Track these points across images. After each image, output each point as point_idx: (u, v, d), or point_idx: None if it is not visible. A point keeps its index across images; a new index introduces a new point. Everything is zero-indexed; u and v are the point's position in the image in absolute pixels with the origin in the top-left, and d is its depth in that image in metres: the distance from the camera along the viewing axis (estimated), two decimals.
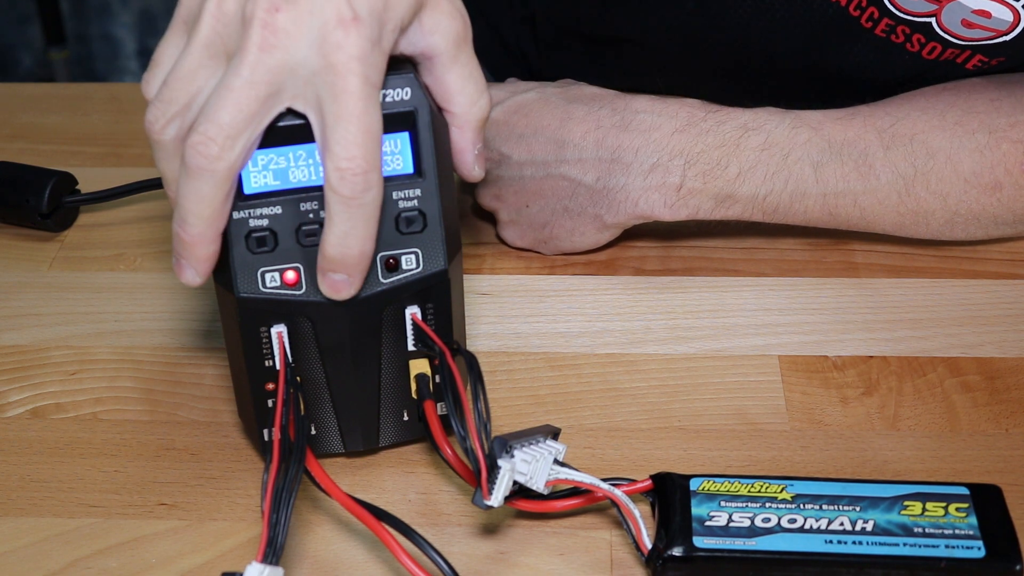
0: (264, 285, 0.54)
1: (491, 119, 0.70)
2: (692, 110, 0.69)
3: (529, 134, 0.71)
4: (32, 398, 0.65)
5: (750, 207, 0.69)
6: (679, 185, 0.68)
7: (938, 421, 0.62)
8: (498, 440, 0.53)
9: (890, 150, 0.68)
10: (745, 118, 0.69)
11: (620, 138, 0.69)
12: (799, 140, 0.68)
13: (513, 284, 0.72)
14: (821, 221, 0.70)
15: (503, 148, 0.71)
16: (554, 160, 0.70)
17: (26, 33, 2.28)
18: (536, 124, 0.71)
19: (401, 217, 0.55)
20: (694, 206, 0.69)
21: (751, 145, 0.68)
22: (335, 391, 0.57)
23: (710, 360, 0.67)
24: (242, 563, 0.54)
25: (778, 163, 0.68)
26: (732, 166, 0.68)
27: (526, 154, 0.71)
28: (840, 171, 0.68)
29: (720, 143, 0.68)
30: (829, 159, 0.68)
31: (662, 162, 0.68)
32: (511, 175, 0.72)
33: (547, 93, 0.72)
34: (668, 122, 0.69)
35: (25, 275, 0.74)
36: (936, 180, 0.68)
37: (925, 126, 0.69)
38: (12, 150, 0.85)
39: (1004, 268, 0.72)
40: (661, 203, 0.69)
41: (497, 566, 0.55)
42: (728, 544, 0.53)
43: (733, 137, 0.68)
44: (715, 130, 0.69)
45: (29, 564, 0.56)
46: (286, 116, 0.52)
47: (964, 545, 0.53)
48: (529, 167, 0.71)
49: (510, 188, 0.72)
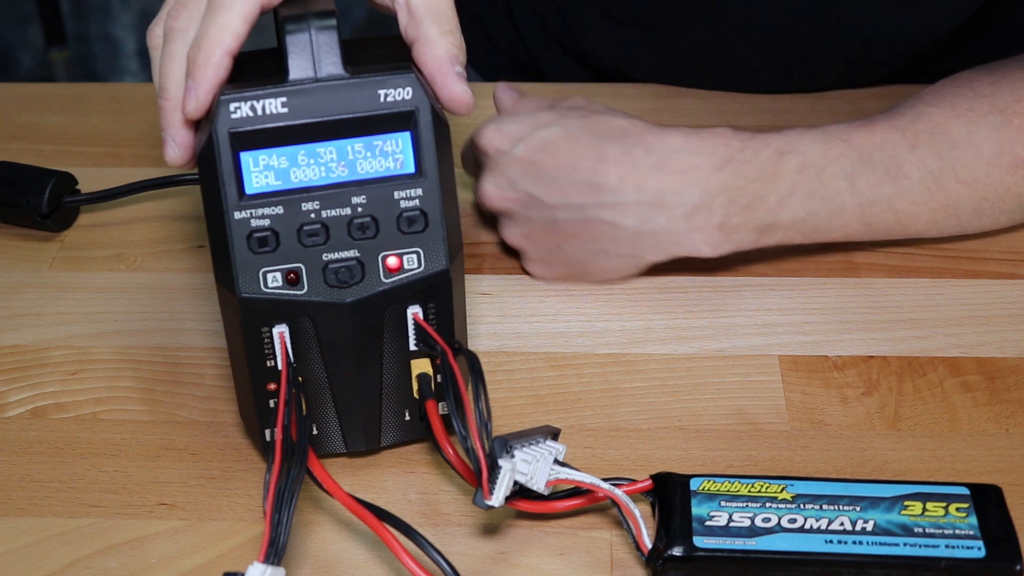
0: (266, 285, 0.54)
1: (515, 157, 0.68)
2: (727, 141, 0.68)
3: (561, 176, 0.68)
4: (32, 398, 0.65)
5: (791, 232, 0.68)
6: (722, 223, 0.67)
7: (938, 421, 0.62)
8: (499, 440, 0.53)
9: (915, 148, 0.68)
10: (779, 143, 0.68)
11: (660, 180, 0.67)
12: (832, 155, 0.68)
13: (513, 284, 0.72)
14: (858, 233, 0.70)
15: (533, 190, 0.68)
16: (591, 204, 0.68)
17: (26, 33, 2.28)
18: (567, 166, 0.68)
19: (403, 217, 0.55)
20: (737, 240, 0.68)
21: (788, 170, 0.67)
22: (337, 391, 0.57)
23: (710, 360, 0.67)
24: (243, 563, 0.54)
25: (814, 183, 0.67)
26: (772, 196, 0.67)
27: (559, 197, 0.68)
28: (873, 178, 0.68)
29: (759, 175, 0.67)
30: (862, 169, 0.68)
31: (704, 202, 0.67)
32: (543, 217, 0.69)
33: (570, 127, 0.69)
34: (706, 160, 0.67)
35: (25, 275, 0.74)
36: (962, 168, 0.69)
37: (940, 118, 0.69)
38: (12, 150, 0.85)
39: (1004, 268, 0.72)
40: (704, 242, 0.67)
41: (497, 566, 0.55)
42: (728, 544, 0.53)
43: (770, 165, 0.67)
44: (752, 161, 0.67)
45: (29, 564, 0.56)
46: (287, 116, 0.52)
47: (964, 545, 0.53)
48: (563, 210, 0.68)
49: (541, 230, 0.69)
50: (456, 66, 0.56)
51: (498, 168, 0.69)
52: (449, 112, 0.57)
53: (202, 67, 0.54)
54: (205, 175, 0.54)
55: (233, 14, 0.54)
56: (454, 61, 0.56)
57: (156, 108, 0.57)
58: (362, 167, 0.55)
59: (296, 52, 0.54)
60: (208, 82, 0.54)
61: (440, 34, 0.56)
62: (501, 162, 0.69)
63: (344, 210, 0.54)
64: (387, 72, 0.54)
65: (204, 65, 0.54)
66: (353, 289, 0.55)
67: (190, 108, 0.54)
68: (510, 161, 0.69)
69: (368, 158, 0.55)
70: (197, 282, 0.73)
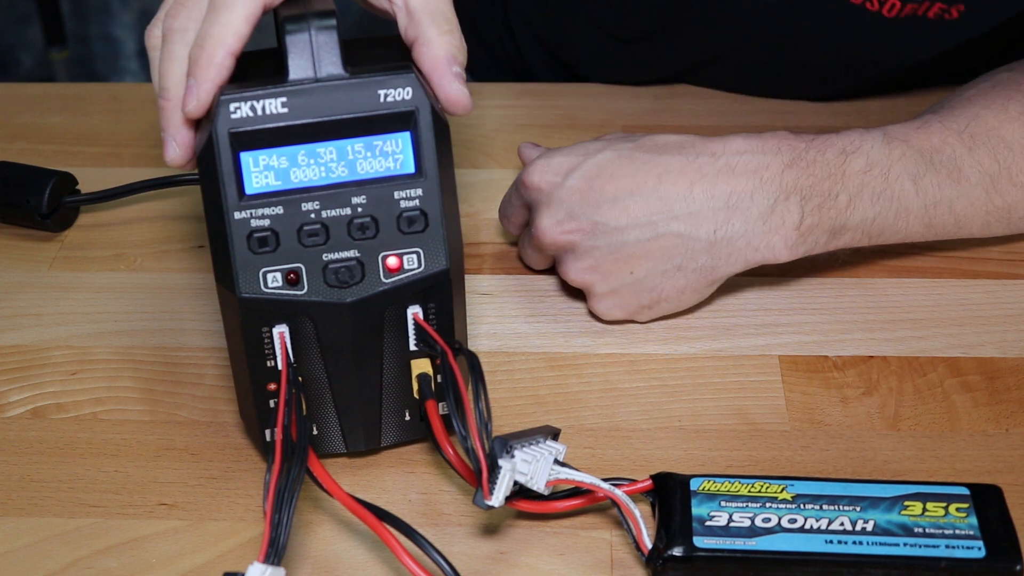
0: (266, 285, 0.54)
1: (570, 187, 0.66)
2: (791, 143, 0.66)
3: (624, 196, 0.65)
4: (32, 398, 0.65)
5: (858, 233, 0.68)
6: (798, 223, 0.65)
7: (938, 421, 0.62)
8: (499, 440, 0.53)
9: (973, 151, 0.68)
10: (842, 143, 0.67)
11: (730, 183, 0.65)
12: (895, 156, 0.67)
13: (513, 284, 0.72)
14: (918, 235, 0.69)
15: (596, 216, 0.65)
16: (661, 219, 0.65)
17: (26, 33, 2.28)
18: (630, 185, 0.65)
19: (403, 217, 0.55)
20: (812, 242, 0.66)
21: (855, 170, 0.66)
22: (337, 391, 0.57)
23: (710, 360, 0.67)
24: (243, 563, 0.54)
25: (881, 184, 0.67)
26: (842, 195, 0.66)
27: (626, 218, 0.65)
28: (936, 180, 0.68)
29: (827, 173, 0.66)
30: (925, 170, 0.67)
31: (779, 202, 0.65)
32: (610, 243, 0.66)
33: (622, 150, 0.67)
34: (774, 159, 0.66)
35: (25, 275, 0.74)
36: (1018, 172, 0.69)
37: (994, 121, 0.69)
38: (12, 150, 0.85)
39: (1004, 268, 0.72)
40: (782, 244, 0.66)
41: (497, 566, 0.55)
42: (728, 544, 0.53)
43: (837, 164, 0.66)
44: (819, 160, 0.66)
45: (29, 564, 0.56)
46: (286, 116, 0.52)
47: (964, 545, 0.53)
48: (632, 231, 0.65)
49: (609, 257, 0.66)
50: (454, 66, 0.56)
51: (554, 202, 0.66)
52: (447, 113, 0.57)
53: (204, 67, 0.54)
54: (205, 175, 0.54)
55: (236, 14, 0.54)
56: (452, 61, 0.56)
57: (156, 108, 0.57)
58: (362, 167, 0.55)
59: (296, 52, 0.54)
60: (210, 82, 0.54)
61: (439, 34, 0.56)
62: (556, 195, 0.66)
63: (344, 210, 0.54)
64: (387, 72, 0.54)
65: (207, 65, 0.54)
66: (353, 289, 0.55)
67: (191, 107, 0.54)
68: (566, 192, 0.66)
69: (368, 158, 0.55)
70: (197, 282, 0.73)
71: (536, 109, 0.89)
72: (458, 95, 0.56)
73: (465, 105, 0.56)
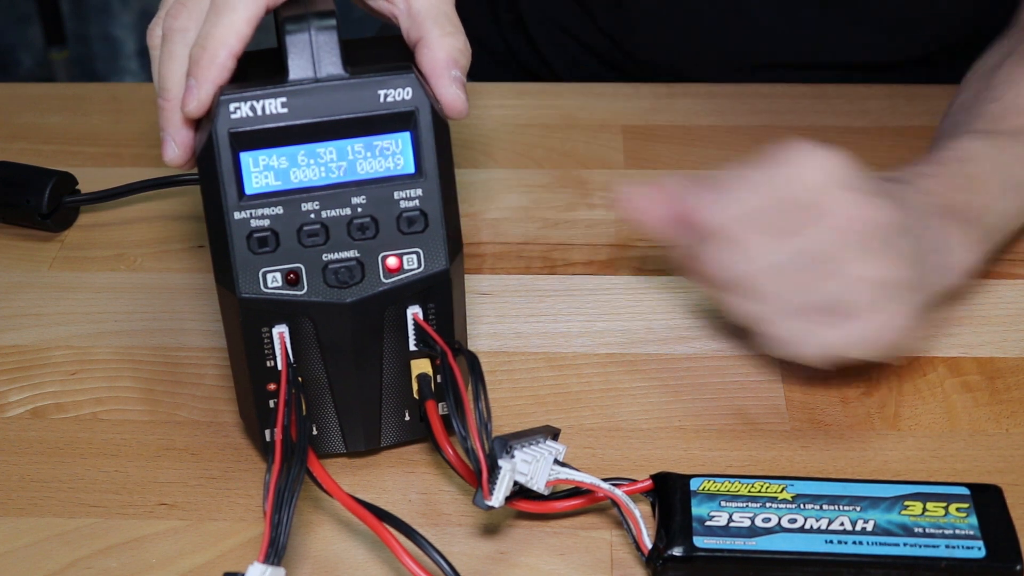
0: (266, 285, 0.54)
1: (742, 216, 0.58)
2: (918, 169, 0.65)
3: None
4: (32, 398, 0.65)
5: (1008, 235, 0.69)
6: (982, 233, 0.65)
7: (938, 421, 0.62)
8: (498, 440, 0.53)
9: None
10: (953, 153, 0.66)
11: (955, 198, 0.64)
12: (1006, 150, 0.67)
13: (513, 284, 0.72)
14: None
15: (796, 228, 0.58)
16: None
17: (26, 33, 2.28)
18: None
19: (403, 217, 0.55)
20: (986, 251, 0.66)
21: (985, 177, 0.66)
22: (337, 391, 0.57)
23: (710, 360, 0.67)
24: (243, 563, 0.54)
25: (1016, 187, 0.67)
26: (994, 204, 0.66)
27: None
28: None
29: (968, 184, 0.66)
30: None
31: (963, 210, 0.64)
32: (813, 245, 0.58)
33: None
34: (935, 182, 0.64)
35: (25, 275, 0.74)
36: None
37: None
38: (12, 150, 0.85)
39: (1004, 268, 0.72)
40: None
41: (497, 566, 0.55)
42: (728, 544, 0.53)
43: (971, 175, 0.66)
44: (958, 175, 0.66)
45: (29, 564, 0.56)
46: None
47: (964, 545, 0.53)
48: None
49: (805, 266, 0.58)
50: (453, 69, 0.56)
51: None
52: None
53: (206, 67, 0.54)
54: (205, 175, 0.54)
55: (238, 15, 0.54)
56: (451, 64, 0.56)
57: (156, 108, 0.57)
58: (362, 167, 0.55)
59: (296, 52, 0.54)
60: (211, 82, 0.54)
61: (440, 36, 0.56)
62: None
63: (344, 210, 0.54)
64: (387, 72, 0.54)
65: (208, 65, 0.54)
66: (353, 289, 0.55)
67: (191, 107, 0.54)
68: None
69: (368, 158, 0.55)
70: (197, 282, 0.73)
71: (536, 109, 0.89)
72: (453, 99, 0.56)
73: (459, 110, 0.56)
